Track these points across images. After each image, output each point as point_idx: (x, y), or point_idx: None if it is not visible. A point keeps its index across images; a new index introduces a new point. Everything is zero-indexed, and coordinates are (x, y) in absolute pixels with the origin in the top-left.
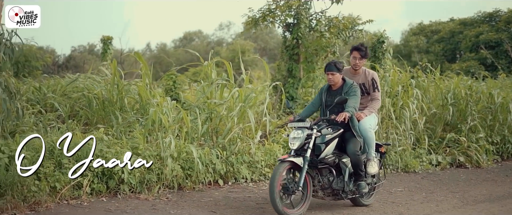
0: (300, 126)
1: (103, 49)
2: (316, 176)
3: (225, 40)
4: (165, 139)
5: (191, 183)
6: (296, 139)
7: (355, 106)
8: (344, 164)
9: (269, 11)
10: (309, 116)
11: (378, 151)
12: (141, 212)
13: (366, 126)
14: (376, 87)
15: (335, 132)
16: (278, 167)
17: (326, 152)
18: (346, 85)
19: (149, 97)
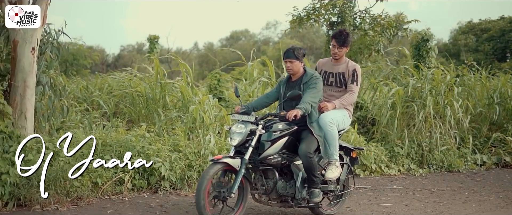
0: (244, 120)
1: (149, 48)
2: (260, 179)
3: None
4: (206, 137)
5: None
6: (237, 134)
7: (311, 101)
8: (297, 167)
9: (314, 10)
10: (262, 108)
11: (349, 155)
12: (181, 208)
13: (327, 120)
14: (355, 80)
15: (286, 129)
16: (208, 169)
17: (270, 151)
18: (306, 76)
19: (190, 96)
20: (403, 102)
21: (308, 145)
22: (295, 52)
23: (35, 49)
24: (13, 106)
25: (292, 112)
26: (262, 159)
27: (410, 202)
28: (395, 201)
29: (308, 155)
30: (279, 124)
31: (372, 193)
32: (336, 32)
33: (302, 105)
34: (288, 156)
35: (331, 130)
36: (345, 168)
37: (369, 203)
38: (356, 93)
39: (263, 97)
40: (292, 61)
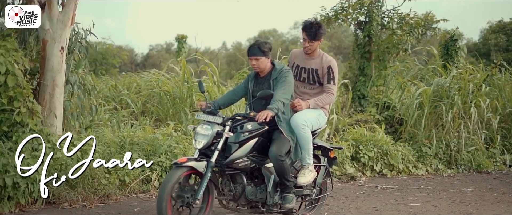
0: (210, 120)
1: (177, 48)
2: (227, 184)
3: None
4: None
5: None
6: (202, 136)
7: (283, 99)
8: (268, 171)
9: (342, 9)
10: (229, 105)
11: (327, 155)
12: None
13: (299, 122)
14: (332, 78)
15: (256, 129)
16: (171, 173)
17: (238, 154)
18: (275, 70)
19: (217, 95)
20: (431, 102)
21: (279, 147)
22: (261, 47)
23: (64, 49)
24: (43, 105)
25: (263, 114)
26: (229, 163)
27: (437, 203)
28: (422, 201)
29: (279, 157)
30: (248, 124)
31: (399, 193)
32: (307, 24)
33: (273, 105)
34: (258, 159)
35: (304, 133)
36: (322, 170)
37: (396, 203)
38: (334, 94)
39: (230, 94)
40: (258, 58)
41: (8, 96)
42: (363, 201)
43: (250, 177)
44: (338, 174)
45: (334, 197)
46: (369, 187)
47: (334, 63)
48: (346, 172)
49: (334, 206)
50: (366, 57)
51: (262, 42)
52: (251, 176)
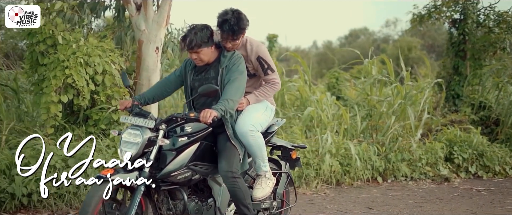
0: (139, 124)
1: (268, 47)
2: (165, 201)
3: (391, 37)
4: (324, 135)
5: (349, 179)
6: (129, 145)
7: (235, 98)
8: (215, 181)
9: (435, 7)
10: (160, 99)
11: (288, 157)
12: (299, 205)
13: (245, 129)
14: (267, 68)
15: (196, 132)
16: (93, 190)
17: (174, 165)
18: (224, 57)
19: (308, 94)
20: None
21: (230, 160)
22: (198, 37)
23: (159, 49)
24: None
25: (205, 113)
26: (163, 176)
27: None
28: None
29: (232, 175)
30: (187, 126)
31: (495, 196)
32: (221, 20)
33: (221, 104)
34: (202, 168)
35: (254, 141)
36: (283, 178)
37: (492, 206)
38: (278, 82)
39: (162, 84)
40: (198, 51)
41: (106, 95)
42: (457, 203)
43: (193, 190)
44: (431, 175)
45: (427, 198)
46: (463, 189)
47: (262, 49)
48: (440, 173)
49: (427, 207)
50: (461, 55)
51: (197, 29)
52: (194, 188)
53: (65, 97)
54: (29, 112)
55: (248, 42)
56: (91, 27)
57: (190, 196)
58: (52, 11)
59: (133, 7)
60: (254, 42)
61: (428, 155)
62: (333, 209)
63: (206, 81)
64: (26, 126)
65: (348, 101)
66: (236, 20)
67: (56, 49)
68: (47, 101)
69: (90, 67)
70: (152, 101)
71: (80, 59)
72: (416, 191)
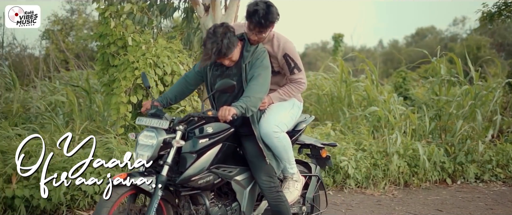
0: (154, 126)
1: (334, 47)
2: (187, 206)
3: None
4: (391, 136)
5: (418, 180)
6: (144, 148)
7: (256, 94)
8: (239, 184)
9: (505, 5)
10: (184, 97)
11: (317, 155)
12: (366, 206)
13: (269, 130)
14: (294, 67)
15: (218, 133)
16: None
17: (195, 169)
18: (247, 52)
19: (375, 94)
20: None
21: (270, 172)
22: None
23: None
24: (206, 103)
25: (224, 111)
26: (183, 181)
27: None
28: None
29: (275, 190)
30: (208, 127)
31: None
32: (250, 10)
33: (242, 101)
34: (225, 171)
35: (278, 142)
36: (313, 181)
37: None
38: (304, 82)
39: (182, 83)
40: (230, 56)
41: None
42: None
43: (217, 194)
44: (502, 177)
45: (499, 201)
46: None
47: (290, 46)
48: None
49: (498, 210)
50: None
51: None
52: (218, 192)
53: (135, 98)
54: (100, 112)
55: (275, 37)
56: (160, 29)
57: (213, 200)
58: (122, 13)
59: (201, 8)
60: (282, 38)
61: (499, 156)
62: (402, 210)
63: (228, 78)
64: (98, 126)
65: (415, 101)
66: (265, 12)
67: (126, 51)
68: (117, 102)
69: (159, 68)
70: (175, 101)
71: (150, 60)
72: (487, 193)
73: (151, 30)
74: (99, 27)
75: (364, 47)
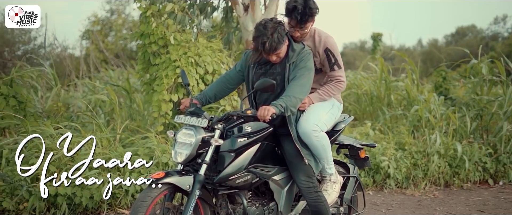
0: (193, 124)
1: (373, 46)
2: (224, 205)
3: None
4: (432, 136)
5: (459, 180)
6: (183, 146)
7: (296, 94)
8: (277, 184)
9: None
10: (223, 96)
11: (356, 156)
12: (407, 207)
13: (308, 129)
14: (334, 63)
15: (256, 131)
16: (143, 194)
17: (233, 167)
18: (292, 51)
19: (415, 94)
20: None
21: (309, 172)
22: (275, 38)
23: None
24: (245, 103)
25: (262, 111)
26: (222, 180)
27: None
28: None
29: (314, 190)
30: (246, 126)
31: None
32: (289, 7)
33: (282, 101)
34: (263, 170)
35: (317, 142)
36: (351, 182)
37: None
38: (344, 80)
39: (222, 81)
40: (278, 52)
41: None
42: None
43: (254, 193)
44: None
45: None
46: None
47: (331, 41)
48: None
49: None
50: None
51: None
52: (255, 191)
53: (176, 96)
54: (140, 111)
55: (317, 33)
56: (201, 28)
57: (250, 199)
58: (164, 13)
59: (240, 7)
60: (323, 33)
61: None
62: (443, 211)
63: (271, 77)
64: (138, 125)
65: (456, 101)
66: (304, 7)
67: (167, 50)
68: (159, 100)
69: (201, 67)
70: (214, 100)
71: (191, 59)
72: None
73: (192, 29)
74: (140, 26)
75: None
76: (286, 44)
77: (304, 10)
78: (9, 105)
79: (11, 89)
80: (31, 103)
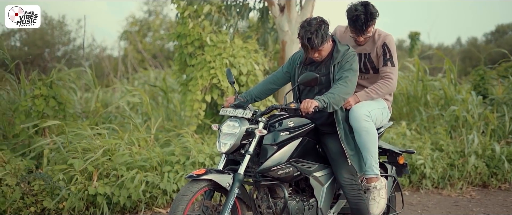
0: (238, 115)
1: (410, 45)
2: (265, 198)
3: None
4: (469, 136)
5: (497, 181)
6: (227, 136)
7: (343, 95)
8: (317, 181)
9: None
10: (267, 96)
11: (394, 162)
12: (443, 207)
13: (360, 112)
14: (389, 59)
15: (298, 126)
16: (184, 189)
17: (275, 159)
18: (337, 51)
19: (453, 94)
20: None
21: (351, 169)
22: (319, 35)
23: None
24: (280, 103)
25: (307, 104)
26: (264, 171)
27: None
28: None
29: (357, 187)
30: (289, 121)
31: None
32: (352, 18)
33: (325, 96)
34: (304, 166)
35: (368, 128)
36: (389, 181)
37: None
38: (394, 80)
39: (268, 81)
40: (321, 49)
41: None
42: None
43: (295, 190)
44: None
45: None
46: None
47: (390, 38)
48: None
49: None
50: None
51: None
52: (296, 188)
53: (209, 97)
54: (177, 111)
55: (377, 32)
56: (237, 29)
57: (290, 194)
58: (201, 14)
59: (276, 8)
60: (383, 32)
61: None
62: (479, 212)
63: None
64: (175, 125)
65: (495, 100)
66: (365, 14)
67: (203, 51)
68: (192, 99)
69: (235, 68)
70: (260, 99)
71: (226, 60)
72: None
73: (228, 30)
74: (177, 27)
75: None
76: (329, 43)
77: (366, 18)
78: (49, 106)
79: (51, 91)
80: (70, 104)
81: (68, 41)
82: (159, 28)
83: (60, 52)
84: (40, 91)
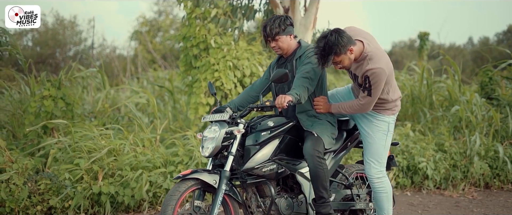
0: (217, 119)
1: (419, 45)
2: (254, 198)
3: None
4: (472, 137)
5: (499, 182)
6: (208, 140)
7: (304, 83)
8: (304, 177)
9: None
10: (248, 104)
11: None
12: (443, 208)
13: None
14: (367, 88)
15: (279, 125)
16: (172, 190)
17: (258, 158)
18: (300, 49)
19: (457, 95)
20: None
21: (316, 141)
22: (276, 24)
23: None
24: None
25: (281, 99)
26: (248, 170)
27: None
28: None
29: (317, 155)
30: (269, 121)
31: None
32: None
33: (294, 90)
34: (288, 163)
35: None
36: None
37: None
38: (366, 106)
39: (248, 90)
40: (277, 38)
41: None
42: None
43: (283, 188)
44: None
45: None
46: None
47: (375, 72)
48: None
49: None
50: None
51: (276, 18)
52: (284, 186)
53: (212, 100)
54: (183, 112)
55: (366, 60)
56: (243, 31)
57: (279, 192)
58: (208, 16)
59: (280, 10)
60: (372, 64)
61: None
62: (480, 212)
63: None
64: (180, 125)
65: (501, 102)
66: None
67: (208, 53)
68: (196, 102)
69: (239, 70)
70: (243, 107)
71: (229, 63)
72: None
73: (233, 32)
74: (183, 29)
75: (453, 45)
76: (291, 39)
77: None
78: (57, 106)
79: (59, 91)
80: (78, 104)
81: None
82: (169, 28)
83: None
84: (49, 92)
